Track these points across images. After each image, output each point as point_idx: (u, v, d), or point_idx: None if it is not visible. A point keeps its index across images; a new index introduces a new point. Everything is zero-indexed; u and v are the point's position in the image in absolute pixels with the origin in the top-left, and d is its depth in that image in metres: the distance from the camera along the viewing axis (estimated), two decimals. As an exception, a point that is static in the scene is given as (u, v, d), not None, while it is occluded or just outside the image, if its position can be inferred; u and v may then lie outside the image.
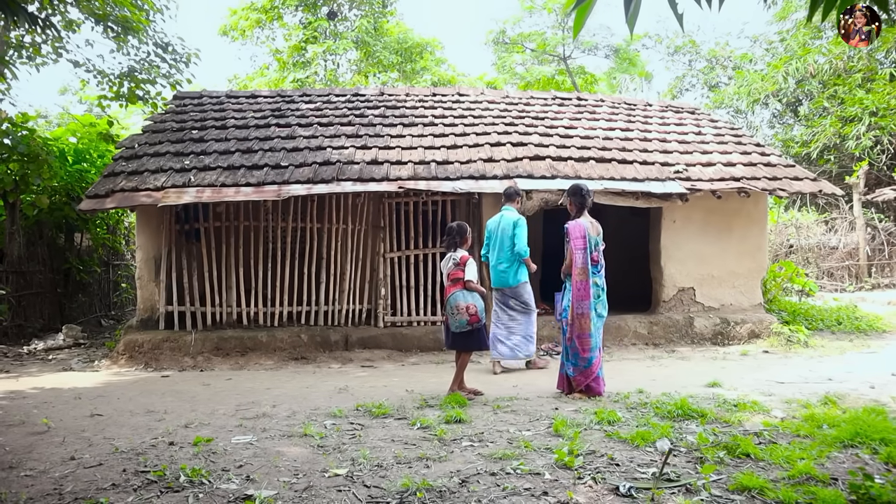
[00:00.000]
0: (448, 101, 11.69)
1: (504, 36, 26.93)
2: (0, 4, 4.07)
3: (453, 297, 5.52)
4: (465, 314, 5.46)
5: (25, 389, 6.43)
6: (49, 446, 4.21)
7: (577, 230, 5.52)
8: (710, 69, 27.33)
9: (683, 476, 3.36)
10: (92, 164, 12.05)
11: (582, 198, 5.65)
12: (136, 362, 7.96)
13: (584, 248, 5.47)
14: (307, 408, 5.24)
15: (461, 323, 5.48)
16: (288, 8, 22.74)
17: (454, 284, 5.57)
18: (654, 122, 11.30)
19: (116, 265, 14.10)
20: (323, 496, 3.20)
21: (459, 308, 5.48)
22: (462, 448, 3.98)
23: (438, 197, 8.94)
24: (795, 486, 3.16)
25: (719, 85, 26.42)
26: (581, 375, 5.53)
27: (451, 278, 5.60)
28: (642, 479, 3.34)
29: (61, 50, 13.05)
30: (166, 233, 8.51)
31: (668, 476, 3.35)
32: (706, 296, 9.35)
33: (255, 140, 9.53)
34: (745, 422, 4.50)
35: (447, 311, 5.55)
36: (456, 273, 5.60)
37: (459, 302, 5.49)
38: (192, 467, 3.57)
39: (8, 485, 3.43)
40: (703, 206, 9.25)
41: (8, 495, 3.26)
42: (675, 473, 3.39)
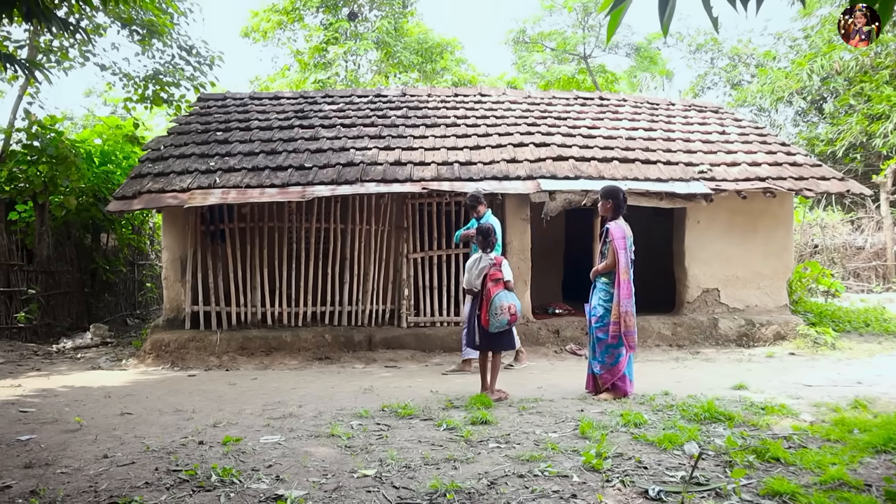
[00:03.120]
0: (470, 101, 11.70)
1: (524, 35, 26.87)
2: (34, 11, 4.16)
3: (497, 298, 5.48)
4: (507, 314, 5.46)
5: (56, 387, 6.55)
6: (82, 444, 4.28)
7: (619, 231, 5.53)
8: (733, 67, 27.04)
9: (713, 480, 3.34)
10: (118, 166, 12.24)
11: (619, 200, 5.67)
12: (162, 361, 8.06)
13: (626, 248, 5.48)
14: (333, 408, 5.28)
15: (502, 323, 5.47)
16: (309, 9, 22.88)
17: (496, 285, 5.53)
18: (677, 121, 11.21)
19: (141, 265, 14.31)
20: (352, 496, 3.23)
21: (503, 308, 5.46)
22: (489, 449, 3.99)
23: (461, 198, 8.94)
24: (828, 492, 3.13)
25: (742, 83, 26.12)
26: (608, 373, 5.54)
27: (492, 279, 5.56)
28: (671, 483, 3.32)
29: (88, 53, 13.27)
30: (192, 234, 8.61)
31: (698, 480, 3.33)
32: (731, 297, 9.27)
33: (279, 141, 9.61)
34: (773, 425, 4.45)
35: (491, 311, 5.47)
36: (495, 273, 5.58)
37: (503, 302, 5.47)
38: (222, 467, 3.61)
39: (45, 482, 3.50)
40: (728, 206, 9.17)
41: (46, 492, 3.32)
42: (705, 477, 3.37)
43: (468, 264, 5.80)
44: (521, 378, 6.78)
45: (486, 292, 5.55)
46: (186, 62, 13.67)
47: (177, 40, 13.45)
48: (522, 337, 8.60)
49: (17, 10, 4.18)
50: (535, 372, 7.19)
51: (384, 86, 18.99)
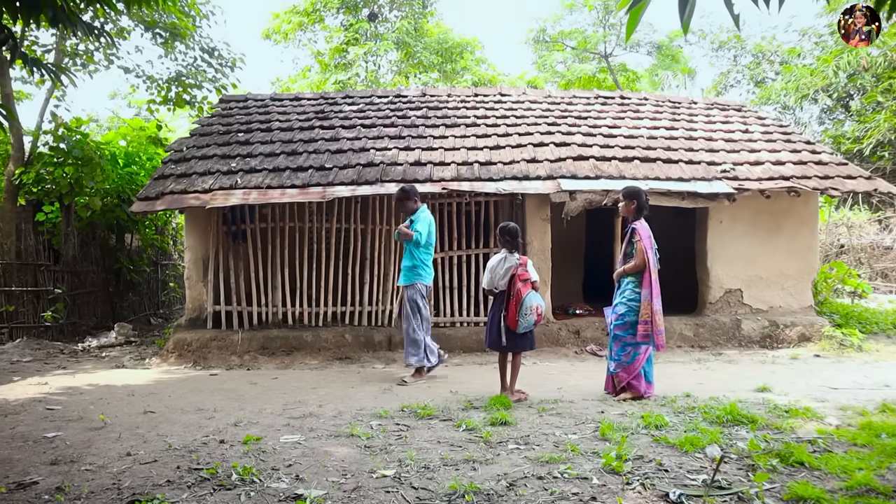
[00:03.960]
0: (490, 101, 11.67)
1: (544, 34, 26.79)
2: (60, 16, 4.22)
3: (528, 298, 5.44)
4: (534, 314, 5.45)
5: (81, 386, 6.65)
6: (106, 442, 4.34)
7: (646, 230, 5.56)
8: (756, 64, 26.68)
9: (735, 484, 3.30)
10: (141, 167, 12.40)
11: (642, 200, 5.69)
12: (185, 360, 8.15)
13: (653, 248, 5.52)
14: (353, 408, 5.30)
15: (529, 323, 5.47)
16: (329, 10, 23.01)
17: (525, 285, 5.49)
18: (699, 120, 11.09)
19: (164, 265, 14.49)
20: (371, 497, 3.23)
21: (532, 309, 5.44)
22: (508, 451, 3.97)
23: (482, 198, 8.94)
24: (854, 498, 3.07)
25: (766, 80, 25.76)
26: (623, 371, 5.54)
27: (521, 279, 5.51)
28: (692, 487, 3.29)
29: (113, 57, 13.49)
30: (214, 234, 8.69)
31: (720, 484, 3.29)
32: (754, 297, 9.15)
33: (300, 142, 9.67)
34: (797, 429, 4.39)
35: (521, 311, 5.42)
36: (524, 274, 5.54)
37: (533, 303, 5.45)
38: (243, 466, 3.64)
39: (70, 478, 3.55)
40: (751, 206, 9.05)
41: (71, 488, 3.38)
42: (727, 481, 3.33)
43: (491, 264, 5.72)
44: (541, 379, 6.75)
45: (515, 292, 5.48)
46: (208, 64, 13.84)
47: (199, 43, 13.62)
48: (543, 338, 8.57)
49: (44, 15, 4.25)
50: (555, 373, 7.16)
51: (404, 86, 19.03)
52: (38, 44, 12.73)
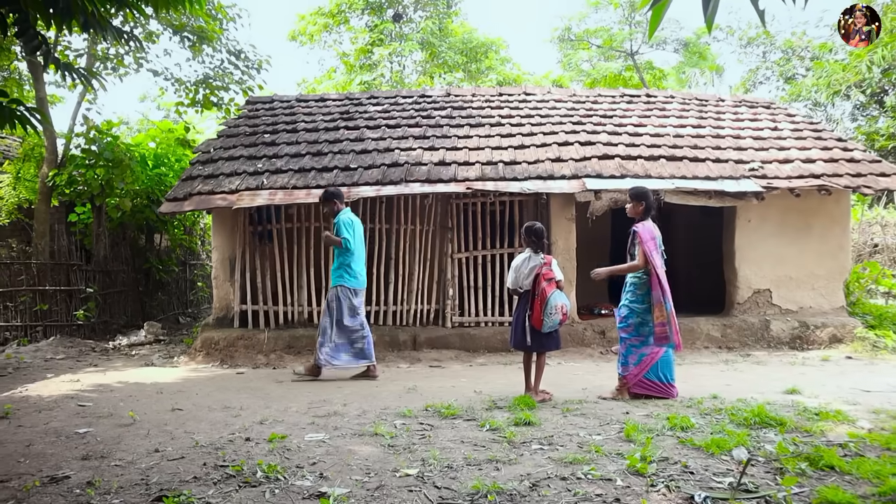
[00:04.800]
0: (514, 100, 11.64)
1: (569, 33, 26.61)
2: (91, 21, 4.31)
3: (553, 298, 5.42)
4: (559, 314, 5.43)
5: (112, 383, 6.78)
6: (135, 438, 4.42)
7: (647, 233, 5.51)
8: (786, 61, 26.21)
9: (762, 487, 3.25)
10: (170, 168, 12.59)
11: (650, 201, 5.65)
12: (212, 359, 8.26)
13: (657, 249, 5.48)
14: (377, 407, 5.33)
15: (555, 323, 5.45)
16: (354, 11, 23.13)
17: (550, 284, 5.47)
18: (727, 117, 10.94)
19: (193, 265, 14.69)
20: (395, 495, 3.25)
21: (558, 308, 5.42)
22: (532, 451, 3.96)
23: (506, 198, 8.92)
24: None
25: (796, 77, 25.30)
26: (629, 374, 5.56)
27: (546, 278, 5.49)
28: (718, 489, 3.24)
29: (142, 60, 13.71)
30: (241, 234, 8.80)
31: (746, 487, 3.24)
32: (783, 298, 9.00)
33: (325, 143, 9.74)
34: (827, 432, 4.30)
35: (546, 311, 5.40)
36: (548, 273, 5.52)
37: (558, 302, 5.43)
38: (268, 463, 3.68)
39: (101, 473, 3.63)
40: (781, 204, 8.91)
41: (101, 483, 3.45)
42: (754, 484, 3.28)
43: (515, 263, 5.70)
44: (566, 379, 6.72)
45: (540, 292, 5.46)
46: (235, 66, 14.00)
47: (226, 45, 13.78)
48: (567, 338, 8.53)
49: (76, 20, 4.34)
50: (579, 373, 7.12)
51: (429, 86, 19.07)
52: (70, 49, 13.00)
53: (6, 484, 3.50)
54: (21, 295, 10.70)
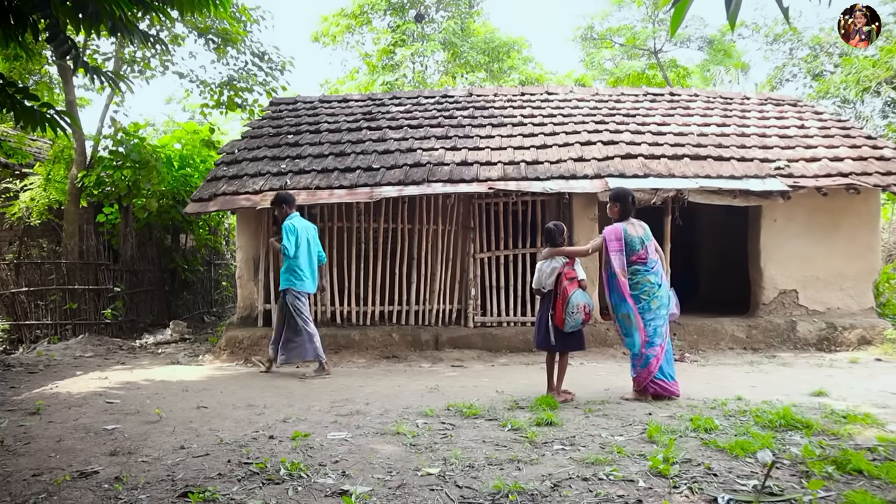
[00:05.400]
0: (536, 100, 11.61)
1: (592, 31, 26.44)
2: (118, 25, 4.39)
3: (574, 297, 5.42)
4: (582, 313, 5.43)
5: (139, 381, 6.89)
6: (161, 435, 4.50)
7: (612, 233, 5.56)
8: (814, 57, 25.76)
9: (787, 491, 3.21)
10: (195, 169, 12.76)
11: (628, 203, 5.64)
12: (236, 357, 8.36)
13: (620, 251, 5.48)
14: (399, 406, 5.35)
15: (577, 322, 5.44)
16: (376, 12, 23.23)
17: (571, 284, 5.49)
18: (752, 116, 10.80)
19: (217, 264, 14.87)
20: (416, 494, 3.26)
21: (579, 307, 5.41)
22: (553, 451, 3.95)
23: (528, 197, 8.90)
24: (915, 507, 2.95)
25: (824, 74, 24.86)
26: (640, 375, 5.54)
27: (567, 277, 5.52)
28: (742, 492, 3.21)
29: (168, 63, 13.92)
30: (264, 234, 8.88)
31: (771, 490, 3.21)
32: (810, 298, 8.87)
33: (348, 143, 9.79)
34: (855, 435, 4.23)
35: (567, 310, 5.40)
36: (570, 272, 5.55)
37: (580, 301, 5.43)
38: (291, 461, 3.72)
39: (128, 469, 3.69)
40: (807, 203, 8.77)
41: (129, 478, 3.51)
42: (779, 487, 3.24)
43: (540, 264, 5.74)
44: (588, 380, 6.69)
45: (561, 291, 5.47)
46: (259, 68, 14.15)
47: (250, 47, 13.93)
48: (590, 338, 8.48)
49: (104, 25, 4.43)
50: (602, 374, 7.08)
51: (451, 86, 19.07)
52: (98, 52, 13.23)
53: (38, 477, 3.59)
54: (51, 294, 10.93)
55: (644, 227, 5.63)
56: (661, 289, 5.54)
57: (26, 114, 4.62)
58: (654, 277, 5.51)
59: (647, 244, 5.54)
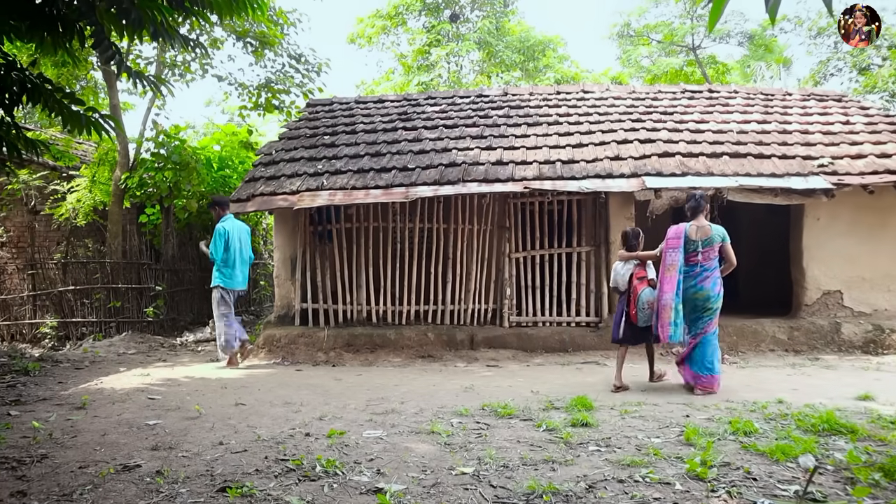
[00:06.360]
0: (572, 98, 11.52)
1: (629, 29, 26.11)
2: (160, 30, 4.49)
3: (643, 295, 6.06)
4: (651, 309, 6.00)
5: (179, 378, 7.04)
6: (201, 431, 4.59)
7: (673, 231, 6.01)
8: (861, 51, 25.01)
9: (831, 497, 3.13)
10: (234, 170, 12.98)
11: (691, 203, 6.05)
12: (273, 356, 8.48)
13: (676, 248, 5.89)
14: (434, 405, 5.37)
15: (648, 317, 6.03)
16: (411, 13, 23.32)
17: (641, 283, 6.11)
18: (794, 112, 10.55)
19: (255, 264, 15.06)
20: (450, 493, 3.27)
21: (648, 303, 6.02)
22: (588, 452, 3.92)
23: (564, 197, 8.84)
24: (966, 516, 2.85)
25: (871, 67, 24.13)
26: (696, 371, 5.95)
27: (637, 277, 6.15)
28: (783, 497, 3.14)
29: (207, 66, 14.17)
30: (301, 234, 9.00)
31: (813, 496, 3.13)
32: (855, 300, 8.62)
33: (383, 143, 9.85)
34: (904, 441, 4.10)
35: (638, 306, 6.04)
36: (640, 272, 6.18)
37: (649, 298, 6.03)
38: (326, 458, 3.76)
39: (169, 463, 3.78)
40: (852, 201, 8.52)
41: (169, 472, 3.60)
42: (822, 494, 3.16)
43: (615, 265, 6.44)
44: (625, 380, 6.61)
45: (633, 289, 6.12)
46: (296, 70, 14.31)
47: (287, 50, 14.10)
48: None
49: (146, 30, 4.54)
50: (639, 374, 6.98)
51: (486, 86, 19.05)
52: (140, 57, 13.55)
53: (84, 469, 3.70)
54: (96, 292, 11.24)
55: (708, 231, 5.87)
56: (701, 290, 5.84)
57: (73, 118, 4.76)
58: (694, 280, 5.87)
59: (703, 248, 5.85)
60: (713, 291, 5.79)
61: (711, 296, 5.79)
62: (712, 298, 5.79)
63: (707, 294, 5.78)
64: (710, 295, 5.78)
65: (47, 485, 3.46)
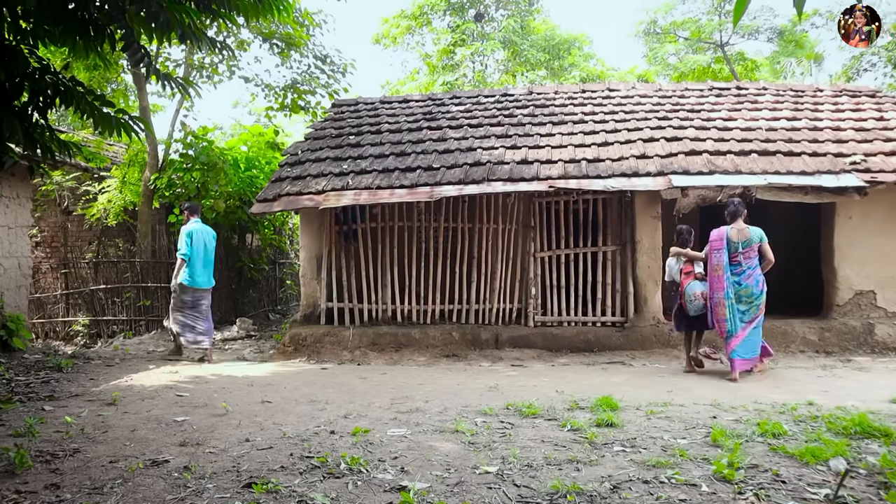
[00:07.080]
0: (598, 96, 11.44)
1: (655, 26, 25.84)
2: (188, 33, 4.56)
3: (690, 287, 6.77)
4: (701, 300, 6.70)
5: (206, 375, 7.14)
6: (227, 428, 4.65)
7: (716, 234, 6.69)
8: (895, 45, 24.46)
9: (863, 502, 3.06)
10: (260, 171, 13.12)
11: (729, 209, 6.70)
12: (299, 354, 8.55)
13: (719, 250, 6.56)
14: (458, 404, 5.37)
15: (698, 307, 6.72)
16: (436, 13, 23.36)
17: (687, 277, 6.84)
18: (825, 109, 10.35)
19: (282, 263, 15.24)
20: (474, 492, 3.27)
21: (696, 295, 6.72)
22: (613, 453, 3.89)
23: (589, 196, 8.79)
24: None
25: (906, 63, 23.56)
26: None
27: (685, 272, 6.89)
28: (813, 501, 3.09)
29: (234, 68, 14.37)
30: (327, 233, 9.06)
31: (844, 500, 3.07)
32: (890, 300, 8.43)
33: (408, 143, 9.88)
34: (939, 445, 4.00)
35: (686, 298, 6.77)
36: (687, 267, 6.91)
37: (697, 290, 6.73)
38: (351, 456, 3.78)
39: (196, 459, 3.84)
40: (886, 200, 8.34)
41: (197, 468, 3.65)
42: (853, 498, 3.10)
43: (669, 261, 7.11)
44: (649, 381, 6.56)
45: (681, 283, 6.86)
46: (321, 71, 14.44)
47: (312, 51, 14.24)
48: (652, 338, 8.33)
49: (174, 33, 4.62)
50: (664, 375, 6.93)
51: (511, 85, 18.99)
52: (169, 60, 13.78)
53: (115, 464, 3.77)
54: (126, 291, 11.44)
55: (747, 233, 6.55)
56: (745, 287, 6.54)
57: (104, 120, 4.86)
58: (737, 278, 6.55)
59: (743, 249, 6.51)
60: (756, 288, 6.51)
61: (755, 292, 6.51)
62: (755, 294, 6.52)
63: (751, 290, 6.51)
64: (753, 291, 6.51)
65: (79, 478, 3.53)
